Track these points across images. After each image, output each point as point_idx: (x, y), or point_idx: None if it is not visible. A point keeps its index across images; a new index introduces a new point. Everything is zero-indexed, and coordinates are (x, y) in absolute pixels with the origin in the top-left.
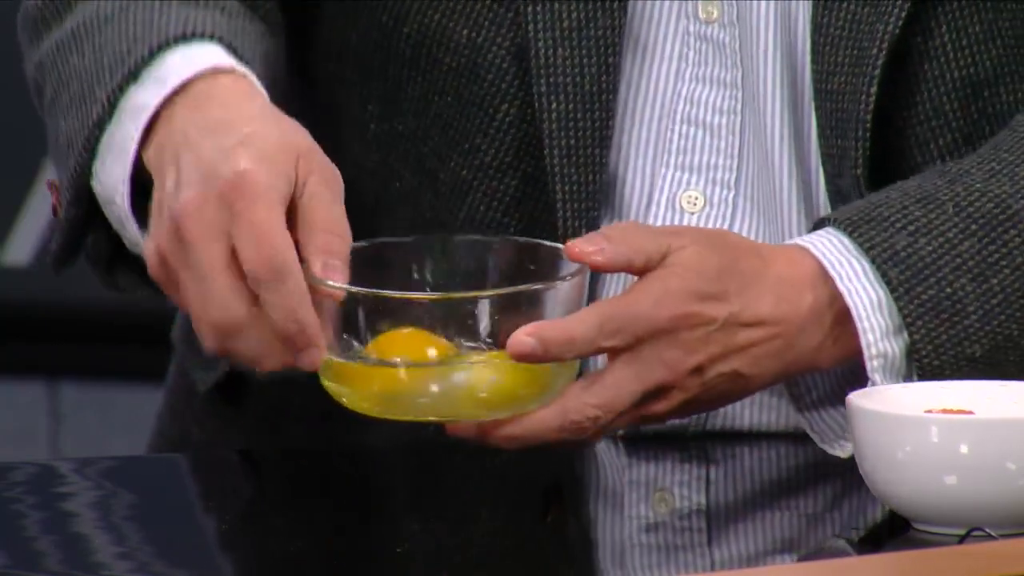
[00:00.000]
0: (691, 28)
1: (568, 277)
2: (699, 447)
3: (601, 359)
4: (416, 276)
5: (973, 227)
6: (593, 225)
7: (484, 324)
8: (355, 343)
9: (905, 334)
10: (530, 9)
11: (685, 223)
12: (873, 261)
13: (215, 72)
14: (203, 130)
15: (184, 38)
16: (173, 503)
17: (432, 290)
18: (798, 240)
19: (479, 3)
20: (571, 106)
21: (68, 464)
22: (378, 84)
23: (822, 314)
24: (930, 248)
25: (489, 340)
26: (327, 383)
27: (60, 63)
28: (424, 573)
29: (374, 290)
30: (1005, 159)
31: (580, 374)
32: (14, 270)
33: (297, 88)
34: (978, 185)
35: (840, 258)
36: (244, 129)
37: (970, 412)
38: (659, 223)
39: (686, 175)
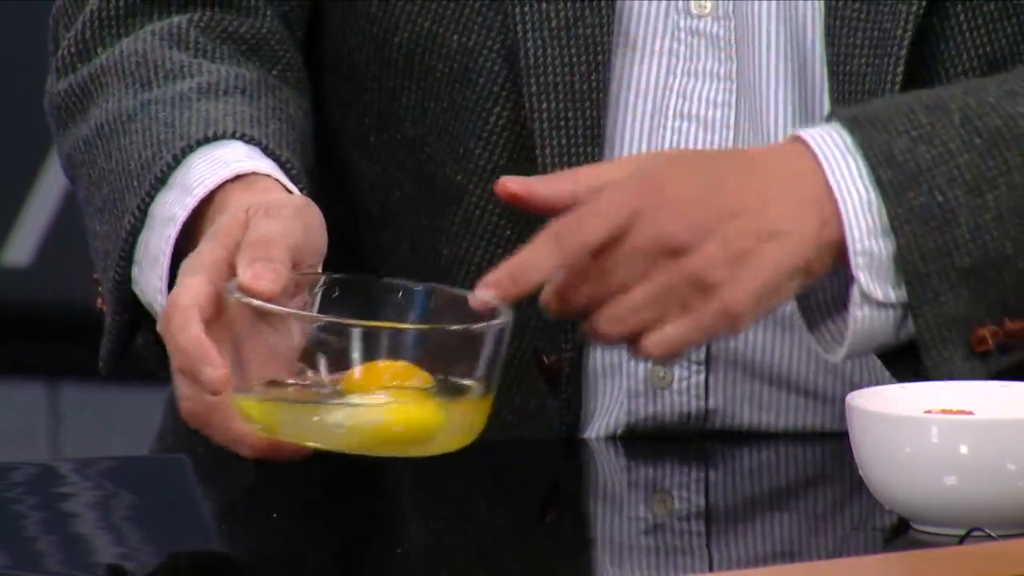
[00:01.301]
0: (681, 23)
1: (488, 325)
2: (698, 448)
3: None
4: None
5: (976, 140)
6: None
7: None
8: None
9: (892, 238)
10: (518, 10)
11: None
12: (867, 160)
13: (236, 178)
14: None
15: (207, 140)
16: (173, 503)
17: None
18: (797, 130)
19: (468, 8)
20: (562, 105)
21: (68, 464)
22: (374, 96)
23: (821, 201)
24: (928, 156)
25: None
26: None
27: (88, 162)
28: (424, 573)
29: (279, 308)
30: (1018, 88)
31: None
32: (14, 270)
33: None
34: (991, 100)
35: (835, 152)
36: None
37: (970, 413)
38: None
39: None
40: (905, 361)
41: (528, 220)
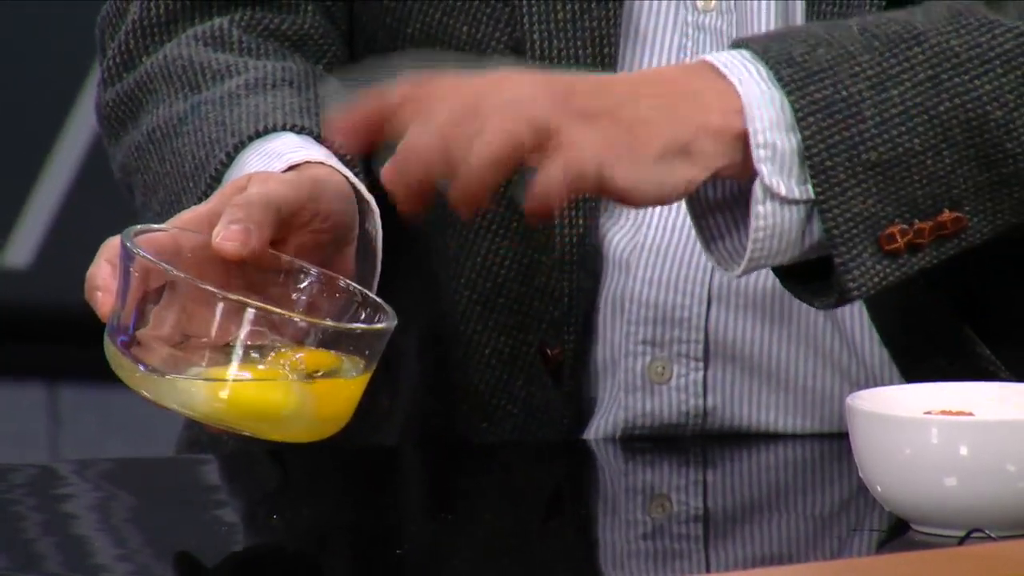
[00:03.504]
0: (689, 18)
1: (374, 325)
2: (697, 449)
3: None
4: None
5: (876, 43)
6: (590, 215)
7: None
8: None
9: (797, 132)
10: (525, 3)
11: (682, 213)
12: (767, 63)
13: (290, 169)
14: None
15: (258, 134)
16: (172, 504)
17: None
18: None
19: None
20: None
21: (68, 466)
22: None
23: (709, 96)
24: (828, 56)
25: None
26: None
27: (143, 168)
28: (425, 574)
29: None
30: (917, 8)
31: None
32: (14, 272)
33: None
34: (887, 15)
35: (734, 62)
36: None
37: (970, 414)
38: (657, 212)
39: None
40: (813, 284)
41: None
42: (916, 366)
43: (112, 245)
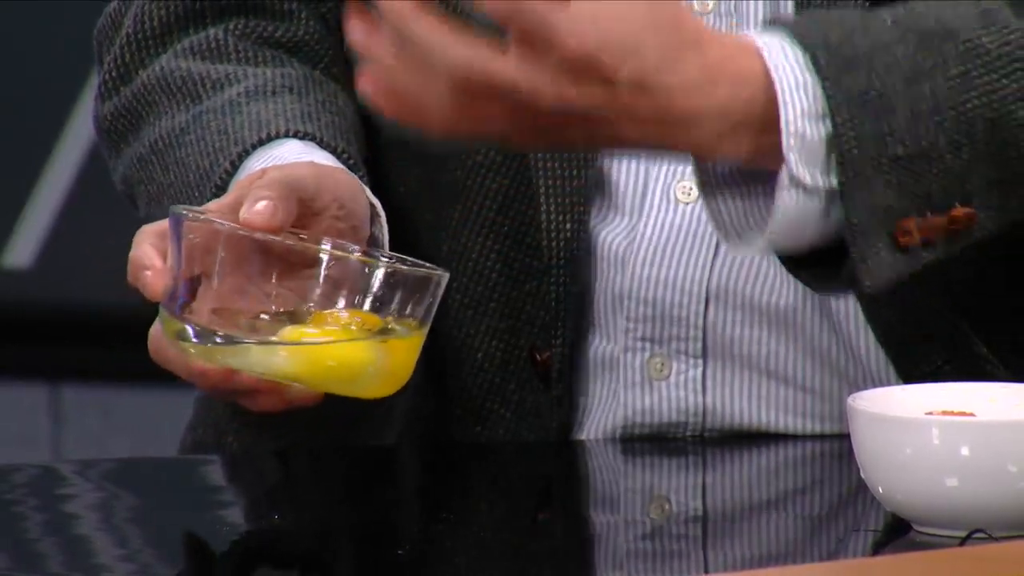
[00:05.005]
0: None
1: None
2: (696, 449)
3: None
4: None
5: (910, 35)
6: (580, 220)
7: (320, 282)
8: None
9: (828, 121)
10: None
11: (679, 213)
12: (804, 48)
13: None
14: None
15: (261, 142)
16: (173, 505)
17: None
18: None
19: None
20: None
21: (70, 466)
22: None
23: (727, 112)
24: (864, 45)
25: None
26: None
27: (146, 179)
28: (425, 574)
29: (228, 224)
30: (944, 3)
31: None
32: (16, 272)
33: None
34: (920, 9)
35: (772, 42)
36: None
37: (971, 414)
38: (653, 213)
39: (680, 166)
40: (821, 270)
41: (523, 216)
42: (913, 366)
43: (149, 231)
